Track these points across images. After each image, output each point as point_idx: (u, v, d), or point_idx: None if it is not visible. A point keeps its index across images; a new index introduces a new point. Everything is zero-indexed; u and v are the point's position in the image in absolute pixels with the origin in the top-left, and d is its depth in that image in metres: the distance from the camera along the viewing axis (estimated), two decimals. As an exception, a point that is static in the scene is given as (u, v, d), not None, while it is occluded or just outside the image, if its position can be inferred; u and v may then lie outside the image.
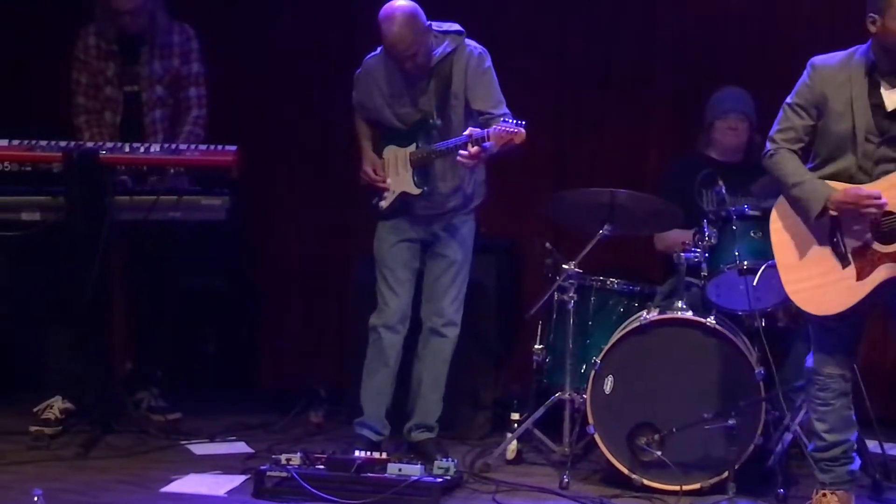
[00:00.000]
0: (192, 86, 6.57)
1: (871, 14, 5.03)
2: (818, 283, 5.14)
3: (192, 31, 6.59)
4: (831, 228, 5.13)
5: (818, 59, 5.19)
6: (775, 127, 5.24)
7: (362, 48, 6.18)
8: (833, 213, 5.06)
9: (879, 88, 5.07)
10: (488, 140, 5.72)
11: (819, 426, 5.33)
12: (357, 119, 6.18)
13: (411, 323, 6.14)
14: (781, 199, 5.26)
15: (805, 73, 5.20)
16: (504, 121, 5.74)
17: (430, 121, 5.94)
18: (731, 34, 7.06)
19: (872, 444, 5.88)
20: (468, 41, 6.00)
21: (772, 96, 6.83)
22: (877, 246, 5.04)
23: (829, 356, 5.25)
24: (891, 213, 5.02)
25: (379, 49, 6.01)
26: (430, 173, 5.99)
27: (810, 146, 5.25)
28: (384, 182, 6.02)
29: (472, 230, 6.15)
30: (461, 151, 5.76)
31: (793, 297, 5.22)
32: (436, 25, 5.96)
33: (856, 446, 5.39)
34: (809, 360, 5.36)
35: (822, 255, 5.14)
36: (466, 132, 5.77)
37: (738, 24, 7.06)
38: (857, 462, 5.41)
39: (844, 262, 5.11)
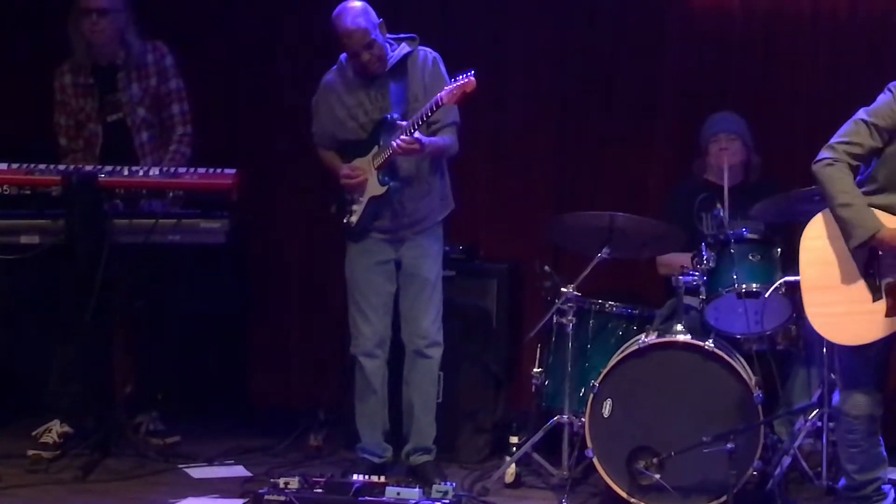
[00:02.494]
0: (174, 102, 6.56)
1: None
2: (843, 310, 5.04)
3: (166, 48, 6.56)
4: (869, 259, 5.03)
5: None
6: (841, 137, 5.04)
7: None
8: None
9: None
10: (443, 104, 5.72)
11: (849, 466, 5.28)
12: (320, 151, 6.18)
13: (395, 345, 6.13)
14: (820, 217, 5.14)
15: (889, 93, 5.01)
16: (453, 79, 5.73)
17: (388, 118, 5.93)
18: (734, 61, 7.07)
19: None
20: (422, 46, 6.04)
21: (772, 123, 6.91)
22: None
23: (856, 394, 5.17)
24: None
25: (333, 67, 6.08)
26: (395, 170, 5.96)
27: (862, 167, 5.10)
28: (364, 176, 5.97)
29: (441, 245, 6.14)
30: (402, 136, 5.76)
31: (812, 321, 5.13)
32: (390, 35, 6.01)
33: (886, 481, 5.33)
34: (836, 399, 5.30)
35: (852, 283, 5.03)
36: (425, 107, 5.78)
37: (740, 51, 7.07)
38: (891, 496, 5.35)
39: (876, 295, 5.01)
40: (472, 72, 5.70)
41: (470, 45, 7.11)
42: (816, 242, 5.14)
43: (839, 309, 5.05)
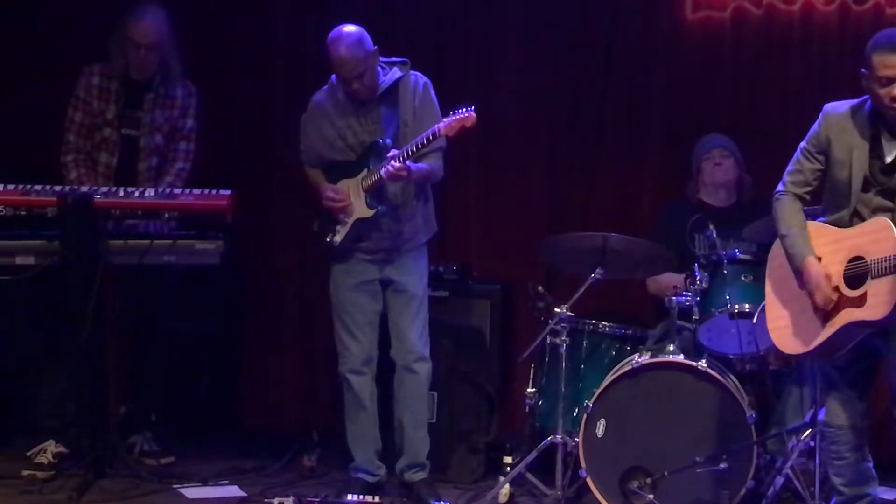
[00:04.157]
0: (183, 140, 6.63)
1: (862, 69, 5.04)
2: (791, 322, 5.19)
3: (195, 89, 6.66)
4: None
5: (829, 106, 5.18)
6: (788, 168, 5.28)
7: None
8: None
9: (881, 140, 5.05)
10: (440, 135, 5.76)
11: (836, 480, 5.31)
12: (307, 168, 6.22)
13: (384, 363, 6.15)
14: (777, 241, 5.29)
15: (819, 117, 5.19)
16: (452, 112, 5.76)
17: (380, 141, 5.96)
18: (723, 82, 7.11)
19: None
20: (413, 71, 6.07)
21: (763, 144, 6.95)
22: (844, 290, 5.05)
23: (835, 407, 5.23)
24: (858, 258, 5.03)
25: (324, 87, 6.11)
26: (383, 194, 5.99)
27: (821, 191, 5.26)
28: (348, 202, 6.01)
29: (426, 263, 6.17)
30: (392, 163, 5.80)
31: (770, 335, 5.28)
32: (383, 58, 6.03)
33: (876, 499, 5.35)
34: (822, 413, 5.36)
35: (798, 296, 5.16)
36: (419, 137, 5.82)
37: (730, 72, 7.11)
38: None
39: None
40: (473, 107, 5.73)
41: (462, 66, 7.15)
42: (774, 262, 5.31)
43: (787, 321, 5.20)
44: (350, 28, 5.93)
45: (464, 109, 5.74)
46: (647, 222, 6.93)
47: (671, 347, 5.89)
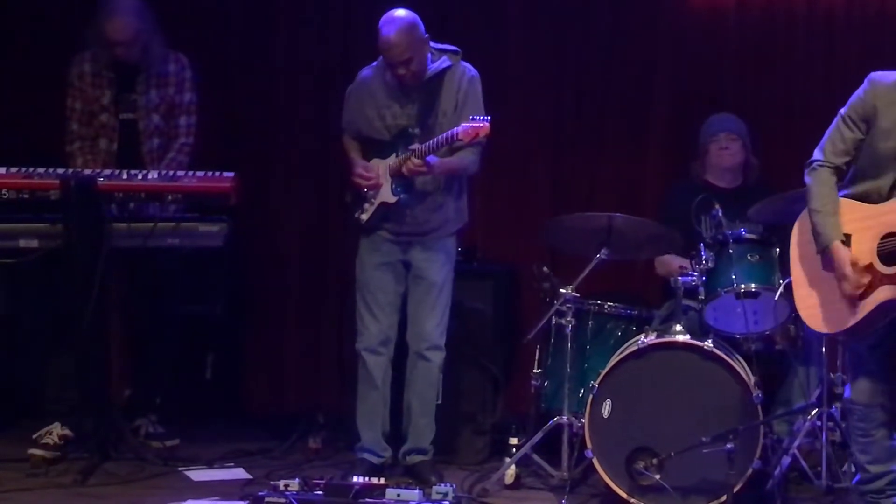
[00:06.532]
0: (184, 115, 6.61)
1: None
2: (823, 300, 5.12)
3: (187, 61, 6.62)
4: None
5: (876, 74, 5.12)
6: (826, 137, 5.17)
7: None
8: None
9: None
10: (458, 139, 5.76)
11: (862, 458, 5.30)
12: (345, 137, 6.22)
13: (400, 347, 6.15)
14: (801, 215, 5.23)
15: (862, 86, 5.13)
16: (472, 118, 5.79)
17: (410, 130, 5.96)
18: (729, 62, 7.10)
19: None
20: (464, 62, 6.05)
21: (768, 124, 6.94)
22: (878, 266, 5.01)
23: (865, 385, 5.21)
24: (891, 234, 5.00)
25: (375, 63, 6.09)
26: (410, 183, 5.99)
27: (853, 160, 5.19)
28: (377, 180, 6.01)
29: (453, 251, 6.17)
30: (412, 160, 5.82)
31: (801, 314, 5.22)
32: (435, 44, 6.01)
33: None
34: (847, 391, 5.33)
35: (829, 275, 5.10)
36: (441, 135, 5.84)
37: (735, 52, 7.09)
38: None
39: None
40: (489, 118, 5.77)
41: (467, 46, 7.11)
42: (800, 237, 5.25)
43: (818, 300, 5.14)
44: (402, 13, 5.91)
45: (481, 118, 5.77)
46: (653, 202, 6.92)
47: (677, 327, 5.87)
